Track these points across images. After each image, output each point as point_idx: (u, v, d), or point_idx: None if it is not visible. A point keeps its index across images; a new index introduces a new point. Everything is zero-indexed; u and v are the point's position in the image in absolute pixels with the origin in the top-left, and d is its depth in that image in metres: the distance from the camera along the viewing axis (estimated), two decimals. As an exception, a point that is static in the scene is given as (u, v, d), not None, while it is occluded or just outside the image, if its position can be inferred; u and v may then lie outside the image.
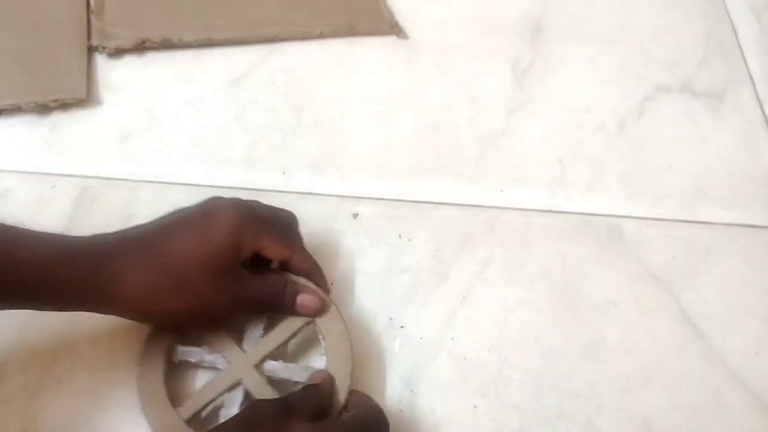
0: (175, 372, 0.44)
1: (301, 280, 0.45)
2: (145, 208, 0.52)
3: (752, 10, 0.70)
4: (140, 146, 0.55)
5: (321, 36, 0.63)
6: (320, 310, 0.45)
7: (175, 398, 0.42)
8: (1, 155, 0.54)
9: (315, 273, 0.46)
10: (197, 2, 0.64)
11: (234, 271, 0.42)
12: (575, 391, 0.46)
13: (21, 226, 0.39)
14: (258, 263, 0.44)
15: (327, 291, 0.46)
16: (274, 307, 0.44)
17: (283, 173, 0.55)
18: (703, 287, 0.51)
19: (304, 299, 0.44)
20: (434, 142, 0.58)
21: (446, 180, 0.56)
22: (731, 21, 0.69)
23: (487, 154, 0.58)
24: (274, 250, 0.44)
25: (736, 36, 0.67)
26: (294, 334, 0.44)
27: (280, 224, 0.45)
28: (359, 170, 0.56)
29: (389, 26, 0.64)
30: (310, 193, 0.54)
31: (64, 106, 0.56)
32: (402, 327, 0.48)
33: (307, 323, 0.45)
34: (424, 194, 0.55)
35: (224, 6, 0.64)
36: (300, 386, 0.42)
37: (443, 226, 0.53)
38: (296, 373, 0.43)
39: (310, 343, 0.46)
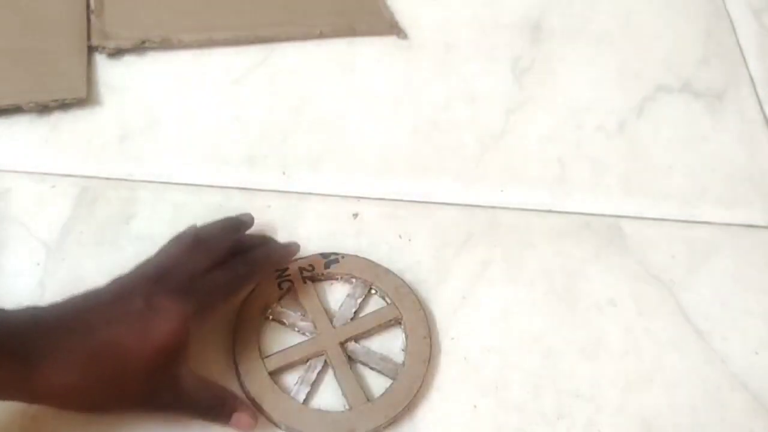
0: (267, 327, 0.47)
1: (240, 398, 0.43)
2: (145, 208, 0.52)
3: (752, 10, 0.70)
4: (140, 146, 0.55)
5: (321, 36, 0.63)
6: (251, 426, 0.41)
7: (262, 350, 0.45)
8: (1, 155, 0.54)
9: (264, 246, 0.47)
10: (197, 2, 0.64)
11: (171, 375, 0.40)
12: (575, 391, 0.46)
13: None
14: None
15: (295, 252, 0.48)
16: (206, 418, 0.42)
17: (283, 173, 0.55)
18: (703, 287, 0.51)
19: (239, 418, 0.41)
20: (434, 142, 0.58)
21: (446, 180, 0.56)
22: (731, 21, 0.69)
23: (487, 154, 0.58)
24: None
25: (736, 36, 0.67)
26: (380, 326, 0.47)
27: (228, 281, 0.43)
28: (359, 170, 0.56)
29: (389, 26, 0.64)
30: (310, 193, 0.54)
31: (64, 106, 0.56)
32: (396, 334, 0.48)
33: (396, 319, 0.47)
34: (424, 194, 0.55)
35: (224, 6, 0.64)
36: (375, 372, 0.46)
37: (443, 226, 0.53)
38: (374, 360, 0.46)
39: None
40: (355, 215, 0.53)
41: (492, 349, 0.47)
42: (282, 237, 0.50)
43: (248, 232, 0.49)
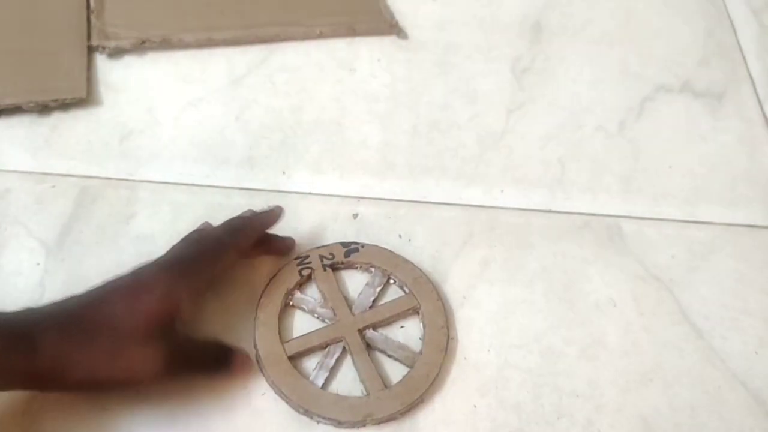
0: (287, 313, 0.48)
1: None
2: (145, 208, 0.52)
3: (752, 10, 0.70)
4: (140, 146, 0.56)
5: (321, 36, 0.63)
6: (249, 372, 0.44)
7: (282, 335, 0.46)
8: (1, 155, 0.54)
9: (266, 243, 0.48)
10: (197, 2, 0.64)
11: (167, 339, 0.40)
12: (575, 391, 0.46)
13: None
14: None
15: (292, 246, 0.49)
16: (209, 372, 0.44)
17: (283, 173, 0.55)
18: (703, 287, 0.51)
19: (239, 359, 0.44)
20: (434, 142, 0.58)
21: (446, 180, 0.56)
22: (731, 21, 0.69)
23: (487, 154, 0.58)
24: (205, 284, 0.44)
25: (736, 36, 0.67)
26: (399, 315, 0.48)
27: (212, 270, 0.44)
28: (359, 170, 0.56)
29: (389, 26, 0.65)
30: (310, 193, 0.54)
31: (64, 106, 0.56)
32: (402, 327, 0.48)
33: (413, 308, 0.48)
34: (424, 194, 0.55)
35: (224, 6, 0.64)
36: (393, 359, 0.46)
37: (443, 226, 0.53)
38: (392, 348, 0.46)
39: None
40: (355, 215, 0.53)
41: (492, 349, 0.47)
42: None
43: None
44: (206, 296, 0.46)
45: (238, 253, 0.46)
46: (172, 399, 0.44)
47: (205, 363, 0.43)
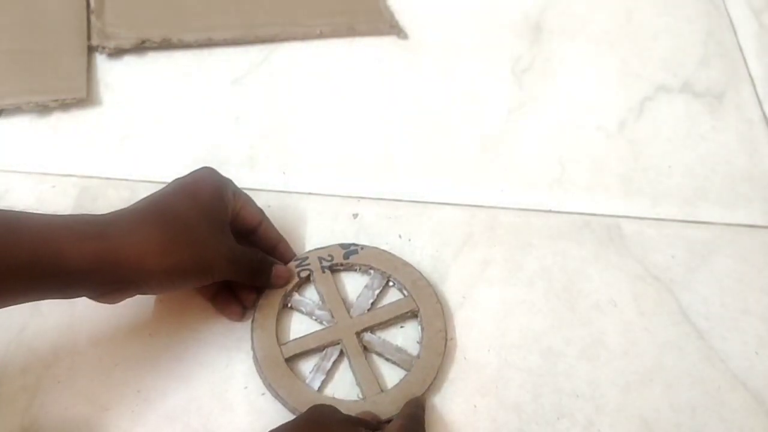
0: (285, 315, 0.48)
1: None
2: (145, 208, 0.52)
3: (752, 10, 0.70)
4: (140, 146, 0.56)
5: (321, 36, 0.63)
6: (289, 282, 0.48)
7: (279, 337, 0.46)
8: (1, 155, 0.54)
9: (282, 241, 0.49)
10: (197, 2, 0.64)
11: (226, 227, 0.44)
12: (575, 391, 0.46)
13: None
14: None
15: (292, 258, 0.49)
16: (257, 274, 0.46)
17: (283, 173, 0.55)
18: (703, 287, 0.51)
19: (279, 270, 0.47)
20: (434, 142, 0.58)
21: (446, 180, 0.56)
22: (731, 21, 0.69)
23: (487, 154, 0.58)
24: (249, 211, 0.47)
25: (736, 36, 0.67)
26: (397, 317, 0.48)
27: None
28: (359, 170, 0.56)
29: (389, 26, 0.64)
30: (310, 193, 0.54)
31: (64, 106, 0.56)
32: (401, 327, 0.48)
33: (412, 312, 0.48)
34: (424, 194, 0.55)
35: (224, 6, 0.64)
36: (390, 363, 0.46)
37: (443, 226, 0.53)
38: (389, 351, 0.46)
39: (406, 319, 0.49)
40: (355, 215, 0.53)
41: (492, 349, 0.47)
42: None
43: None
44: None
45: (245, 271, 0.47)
46: (172, 399, 0.44)
47: (250, 271, 0.46)
